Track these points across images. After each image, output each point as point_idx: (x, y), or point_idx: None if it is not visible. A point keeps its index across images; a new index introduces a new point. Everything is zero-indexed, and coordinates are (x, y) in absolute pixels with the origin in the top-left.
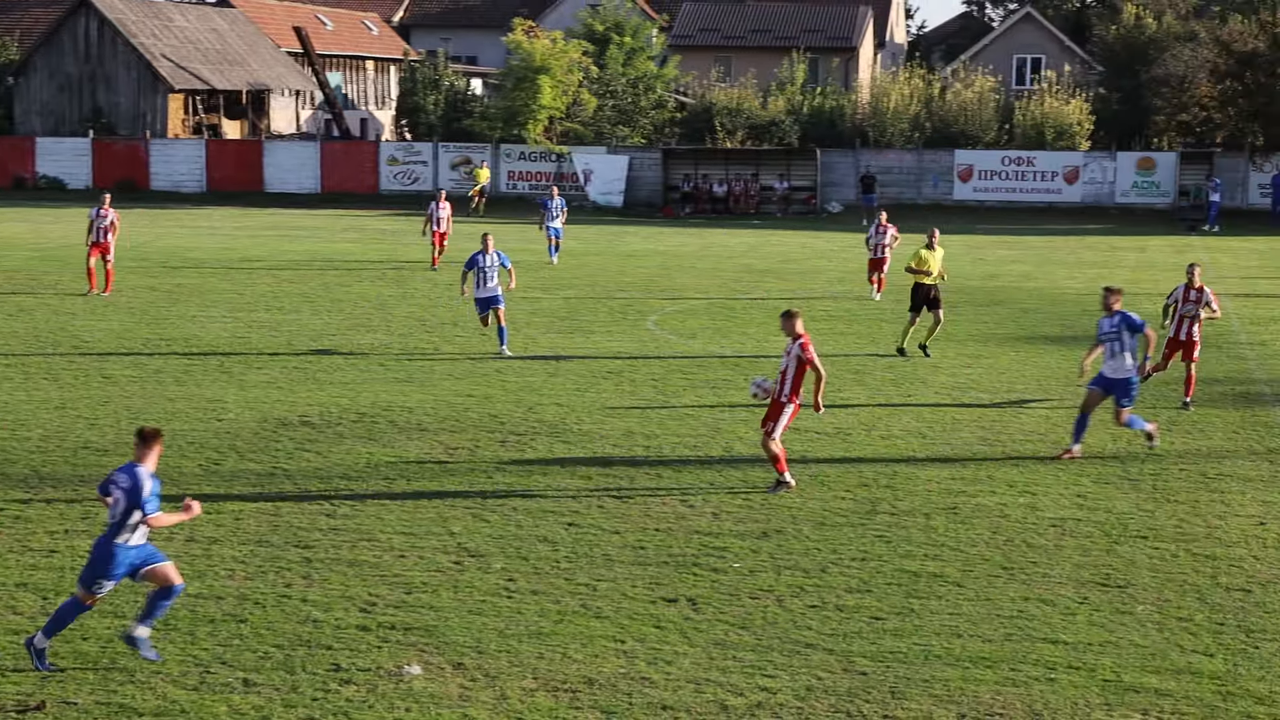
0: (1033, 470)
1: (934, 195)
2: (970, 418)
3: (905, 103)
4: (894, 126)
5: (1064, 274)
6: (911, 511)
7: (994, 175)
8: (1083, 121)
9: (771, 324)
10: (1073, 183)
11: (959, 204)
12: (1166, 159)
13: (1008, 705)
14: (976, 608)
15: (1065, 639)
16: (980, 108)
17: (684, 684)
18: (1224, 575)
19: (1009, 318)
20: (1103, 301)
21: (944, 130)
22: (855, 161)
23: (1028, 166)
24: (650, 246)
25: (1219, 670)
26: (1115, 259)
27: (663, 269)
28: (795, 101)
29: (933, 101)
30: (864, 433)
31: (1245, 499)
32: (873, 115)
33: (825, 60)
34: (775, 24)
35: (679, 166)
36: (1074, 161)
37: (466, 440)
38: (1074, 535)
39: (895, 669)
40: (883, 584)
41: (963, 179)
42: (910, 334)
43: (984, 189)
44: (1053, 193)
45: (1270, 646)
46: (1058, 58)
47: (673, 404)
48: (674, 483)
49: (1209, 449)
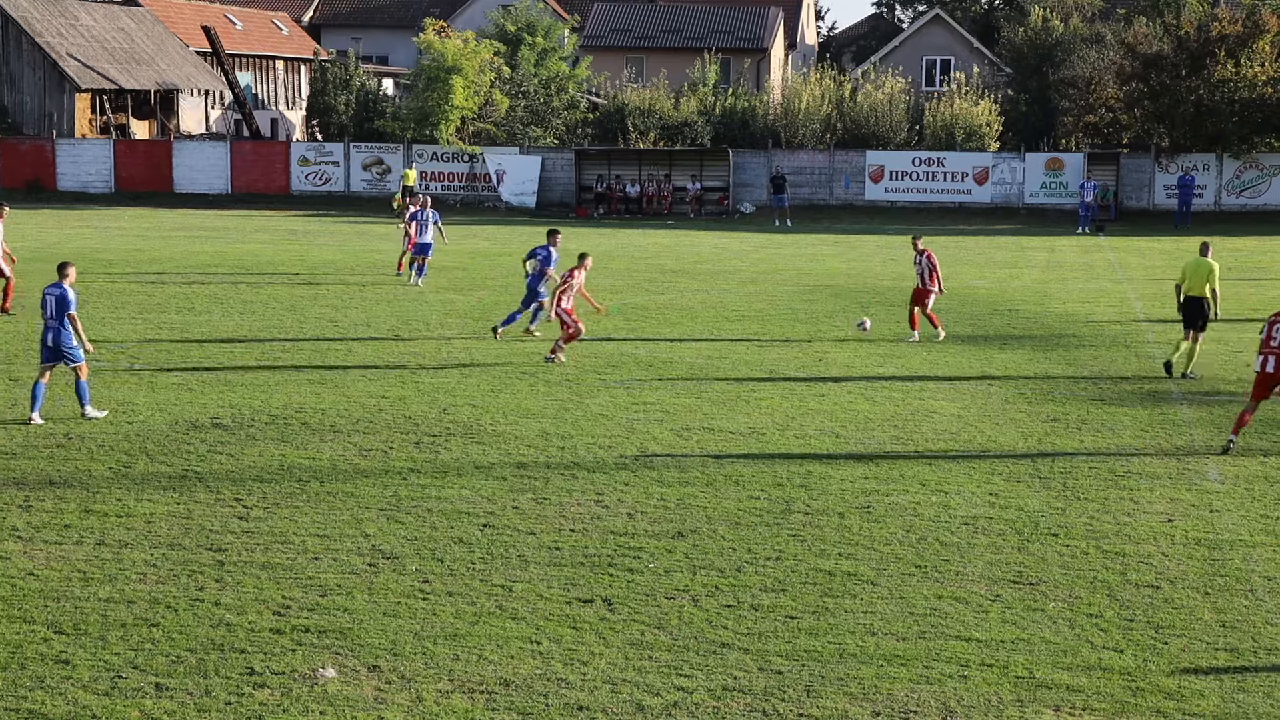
0: (945, 469)
1: (845, 196)
2: (883, 417)
3: (817, 104)
4: (805, 127)
5: (974, 274)
6: (826, 510)
7: (905, 176)
8: (992, 123)
9: (685, 323)
10: (982, 183)
11: (870, 205)
12: (1074, 160)
13: (922, 703)
14: (891, 606)
15: (978, 636)
16: (891, 109)
17: (600, 684)
18: (1133, 572)
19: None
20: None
21: (855, 131)
22: (768, 162)
23: (938, 167)
24: (564, 247)
25: (1129, 666)
26: (1025, 259)
27: None
28: (707, 102)
29: (844, 103)
30: (778, 432)
31: (1154, 496)
32: (784, 116)
33: (737, 61)
34: (687, 25)
35: (592, 167)
36: (983, 162)
37: (380, 442)
38: (986, 533)
39: (810, 667)
40: (798, 583)
41: (874, 180)
42: (1183, 351)
43: (895, 190)
44: (963, 193)
45: (1179, 642)
46: (967, 59)
47: (587, 404)
48: (589, 483)
49: (1118, 447)
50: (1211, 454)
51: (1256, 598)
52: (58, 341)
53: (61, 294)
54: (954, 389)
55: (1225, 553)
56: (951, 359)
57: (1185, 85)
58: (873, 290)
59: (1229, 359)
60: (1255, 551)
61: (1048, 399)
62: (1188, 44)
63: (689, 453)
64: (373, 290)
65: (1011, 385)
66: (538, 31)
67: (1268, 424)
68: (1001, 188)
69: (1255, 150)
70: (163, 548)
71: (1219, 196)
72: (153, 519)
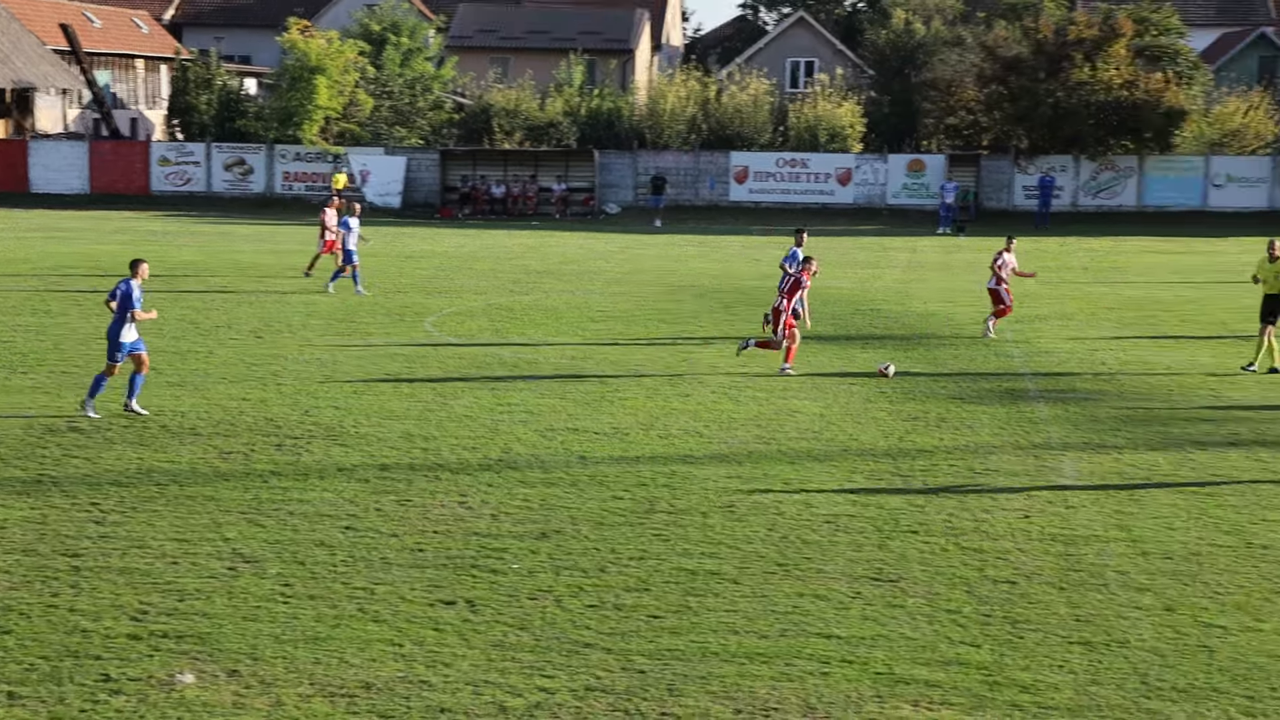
0: (807, 467)
1: (711, 196)
2: (746, 416)
3: (682, 105)
4: (671, 128)
5: (837, 274)
6: (689, 510)
7: (769, 177)
8: (855, 124)
9: (549, 324)
10: (845, 184)
11: (735, 205)
12: (935, 161)
13: (783, 700)
14: (753, 604)
15: (839, 633)
16: (755, 110)
17: (462, 686)
18: (991, 568)
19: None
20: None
21: (720, 132)
22: (633, 163)
23: (802, 168)
24: (428, 248)
25: (986, 660)
26: (887, 259)
27: (440, 270)
28: (573, 103)
29: (709, 104)
30: (642, 432)
31: (1011, 493)
32: (650, 117)
33: (603, 62)
34: (552, 26)
35: (457, 167)
36: (847, 163)
37: (241, 444)
38: (847, 531)
39: (673, 666)
40: (661, 582)
41: (738, 180)
42: (1265, 349)
43: (759, 190)
44: (826, 194)
45: (1034, 636)
46: (830, 61)
47: (451, 406)
48: (452, 485)
49: (976, 445)
50: (1067, 450)
51: (1110, 591)
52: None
53: (126, 290)
54: (816, 388)
55: (1080, 548)
56: (814, 358)
57: (1043, 88)
58: (737, 291)
59: (1085, 357)
60: (1109, 546)
61: (908, 397)
62: (1046, 47)
63: (553, 453)
64: (234, 293)
65: (873, 384)
66: (403, 31)
67: (1122, 420)
68: (864, 189)
69: (1111, 152)
70: (16, 554)
71: (1076, 197)
72: (5, 525)
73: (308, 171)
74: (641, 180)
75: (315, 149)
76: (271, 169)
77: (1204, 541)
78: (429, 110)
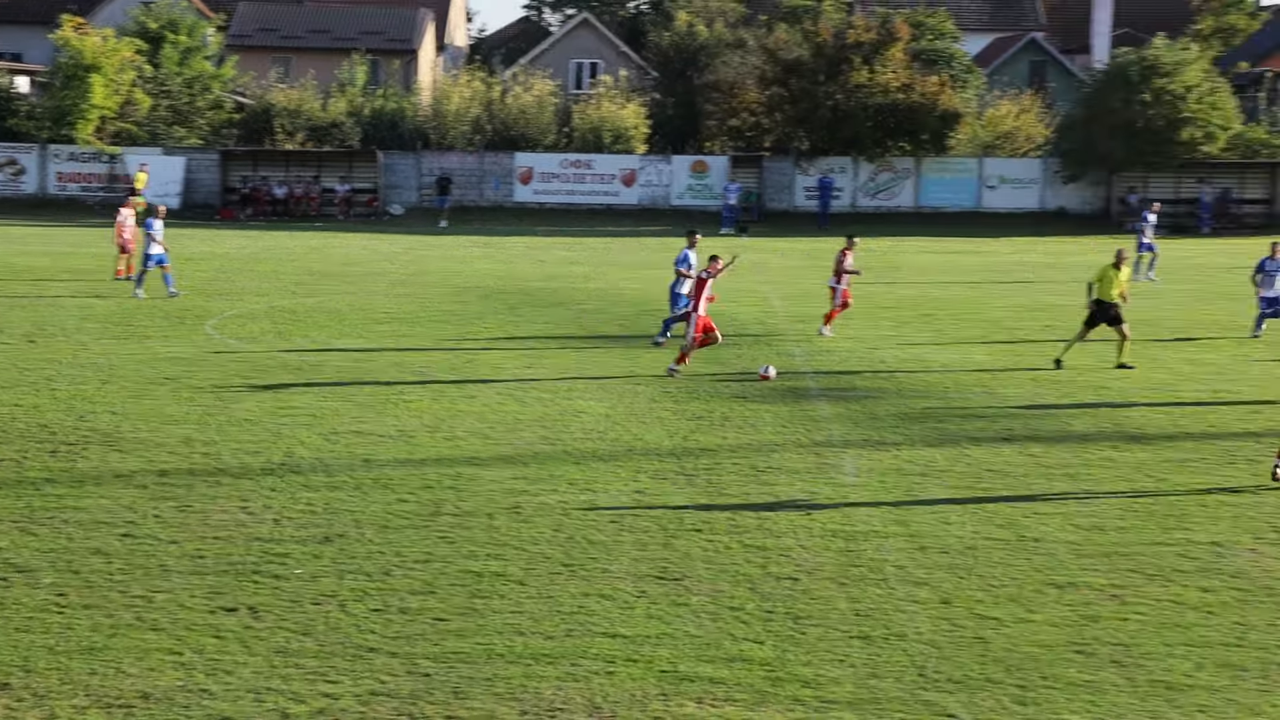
0: (593, 468)
1: (495, 197)
2: (532, 417)
3: (466, 105)
4: (455, 129)
5: (622, 275)
6: (475, 512)
7: (554, 178)
8: (639, 126)
9: (333, 326)
10: (630, 185)
11: (520, 206)
12: (719, 162)
13: (569, 700)
14: (539, 605)
15: (624, 632)
16: (540, 111)
17: (244, 694)
18: (774, 565)
19: (569, 318)
20: None
21: (505, 133)
22: (417, 164)
23: (586, 169)
24: (208, 249)
25: (768, 657)
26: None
27: (221, 272)
28: (356, 103)
29: (493, 104)
30: (427, 434)
31: (793, 490)
32: (434, 118)
33: (386, 62)
34: (334, 25)
35: (238, 168)
36: (631, 164)
37: (13, 451)
38: (632, 530)
39: (458, 669)
40: (446, 585)
41: (523, 181)
42: (1073, 349)
43: (544, 191)
44: (611, 195)
45: (816, 632)
46: (614, 63)
47: (232, 410)
48: (234, 490)
49: (759, 443)
50: (848, 448)
51: (889, 586)
52: None
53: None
54: (602, 389)
55: (860, 544)
56: (599, 359)
57: (823, 90)
58: (522, 292)
59: (864, 355)
60: (888, 541)
61: (693, 397)
62: (825, 50)
63: (337, 457)
64: (6, 297)
65: (658, 384)
66: (181, 30)
67: (900, 418)
68: (649, 190)
69: (889, 154)
70: None
71: (855, 198)
72: None
73: (83, 172)
74: (426, 181)
75: (90, 149)
76: (45, 169)
77: (979, 535)
78: (208, 110)
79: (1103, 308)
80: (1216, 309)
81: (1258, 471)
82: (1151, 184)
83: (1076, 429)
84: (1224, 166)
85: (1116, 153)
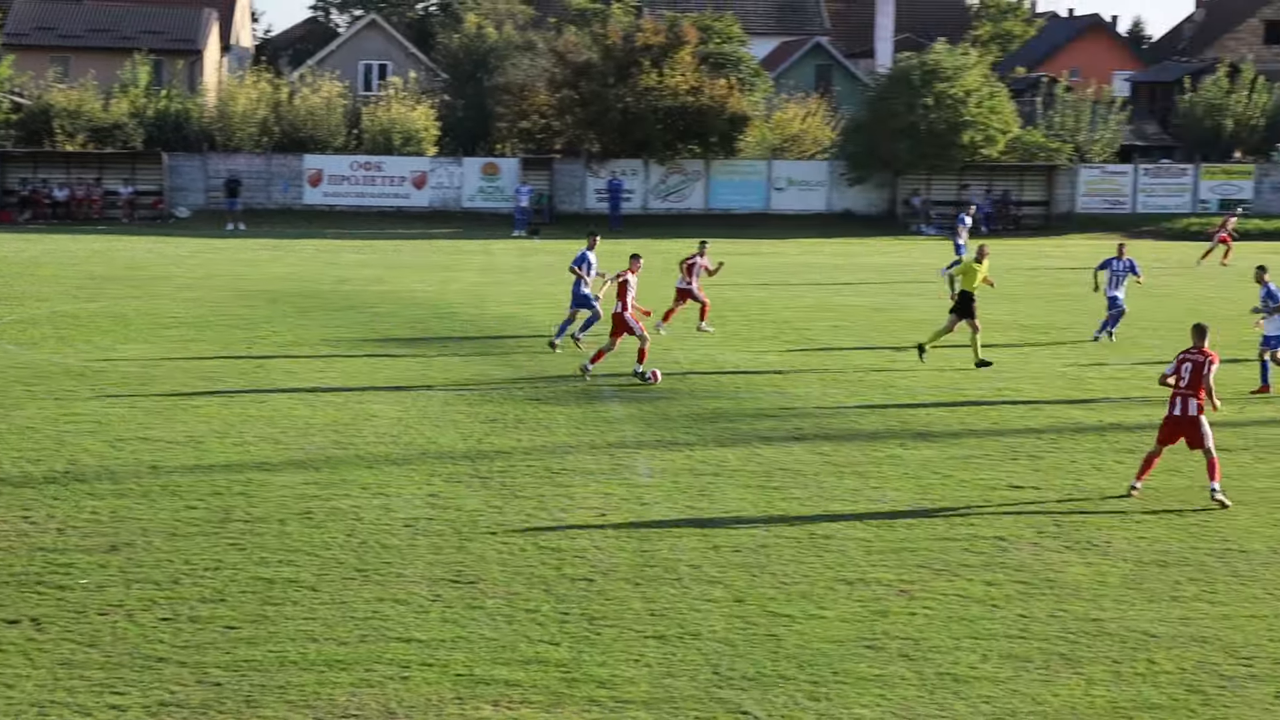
0: (386, 472)
1: (284, 200)
2: (324, 422)
3: (253, 107)
4: (242, 130)
5: (414, 277)
6: (266, 518)
7: (344, 180)
8: (429, 127)
9: (118, 331)
10: (421, 187)
11: (310, 208)
12: (510, 165)
13: (363, 706)
14: (332, 611)
15: (419, 637)
16: (329, 113)
17: (27, 708)
18: (569, 566)
19: (361, 321)
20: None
21: (293, 135)
22: (204, 165)
23: (377, 171)
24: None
25: (564, 658)
26: (463, 262)
27: (0, 277)
28: (139, 104)
29: (281, 106)
30: (217, 440)
31: (588, 491)
32: (220, 119)
33: (170, 62)
34: (115, 24)
35: (16, 170)
36: (422, 167)
37: None
38: (426, 534)
39: (250, 677)
40: (237, 592)
41: (312, 183)
42: (938, 339)
43: (334, 193)
44: (401, 197)
45: (611, 632)
46: (404, 64)
47: (12, 417)
48: (15, 499)
49: (554, 444)
50: (641, 448)
51: (683, 585)
52: None
53: None
54: (395, 392)
55: (654, 543)
56: (392, 363)
57: (613, 93)
58: (313, 295)
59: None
60: (682, 541)
61: (486, 400)
62: (615, 53)
63: (123, 464)
64: None
65: (451, 387)
66: None
67: (693, 418)
68: (440, 192)
69: (679, 156)
70: None
71: (646, 200)
72: None
73: None
74: (213, 183)
75: None
76: None
77: (770, 533)
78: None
79: (965, 299)
80: (999, 309)
81: (1039, 466)
82: (934, 186)
83: (865, 427)
84: (1004, 169)
85: (900, 155)
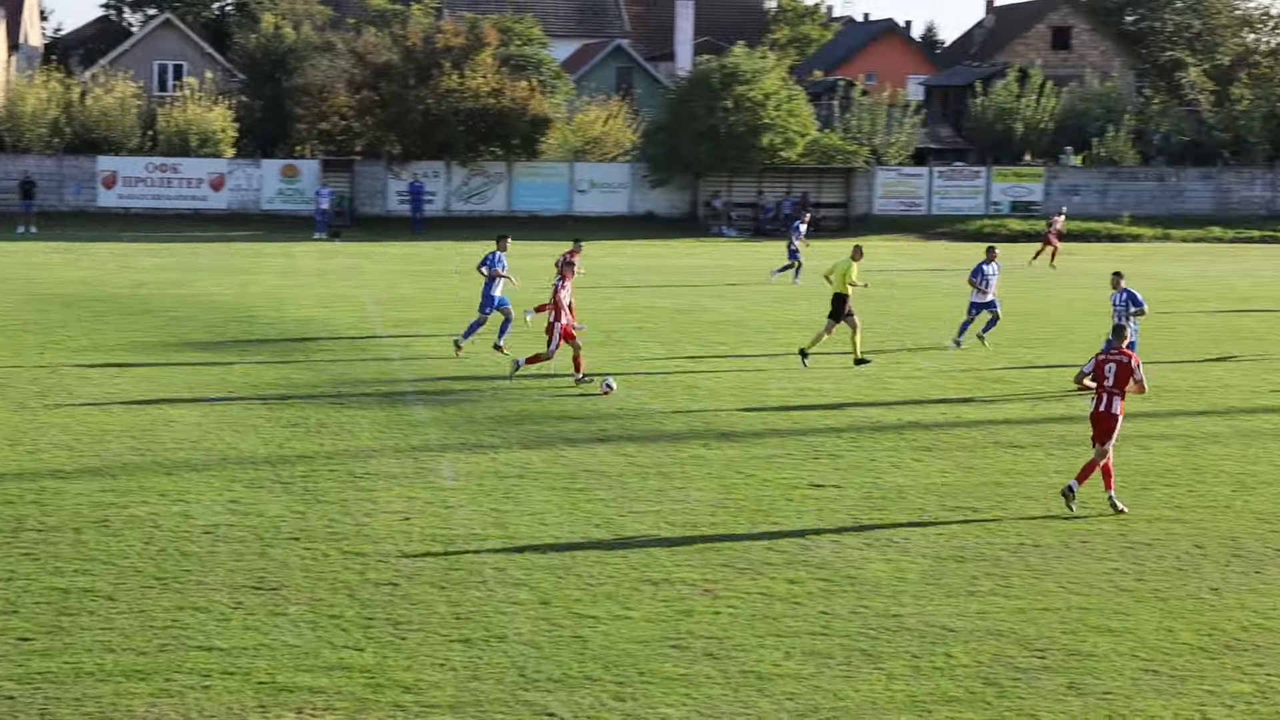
0: (185, 478)
1: (77, 202)
2: (120, 427)
3: (44, 107)
4: (32, 131)
5: (212, 280)
6: (60, 527)
7: (139, 182)
8: (227, 129)
9: None
10: (219, 189)
11: (104, 211)
12: (310, 167)
13: (163, 716)
14: (130, 620)
15: (220, 645)
16: (123, 113)
17: None
18: (373, 571)
19: (159, 325)
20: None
21: (86, 135)
22: None
23: (173, 173)
24: None
25: (369, 664)
26: (262, 265)
27: None
28: None
29: (73, 106)
30: (8, 448)
31: (392, 495)
32: (9, 119)
33: None
34: None
35: None
36: (219, 168)
37: None
38: (227, 541)
39: (45, 690)
40: (30, 603)
41: (106, 186)
42: (820, 343)
43: (129, 196)
44: (199, 199)
45: (416, 637)
46: (199, 65)
47: None
48: None
49: (357, 448)
50: (446, 451)
51: (488, 588)
52: None
53: None
54: (193, 397)
55: (459, 547)
56: (191, 367)
57: (414, 95)
58: (108, 299)
59: (460, 360)
60: (487, 544)
61: (287, 404)
62: (415, 55)
63: None
64: None
65: (252, 391)
66: None
67: (497, 421)
68: (238, 194)
69: (481, 158)
70: None
71: (449, 202)
72: None
73: None
74: (3, 185)
75: None
76: None
77: (576, 535)
78: None
79: (837, 301)
80: (796, 309)
81: (839, 465)
82: (735, 188)
83: (669, 428)
84: (802, 171)
85: (701, 158)
